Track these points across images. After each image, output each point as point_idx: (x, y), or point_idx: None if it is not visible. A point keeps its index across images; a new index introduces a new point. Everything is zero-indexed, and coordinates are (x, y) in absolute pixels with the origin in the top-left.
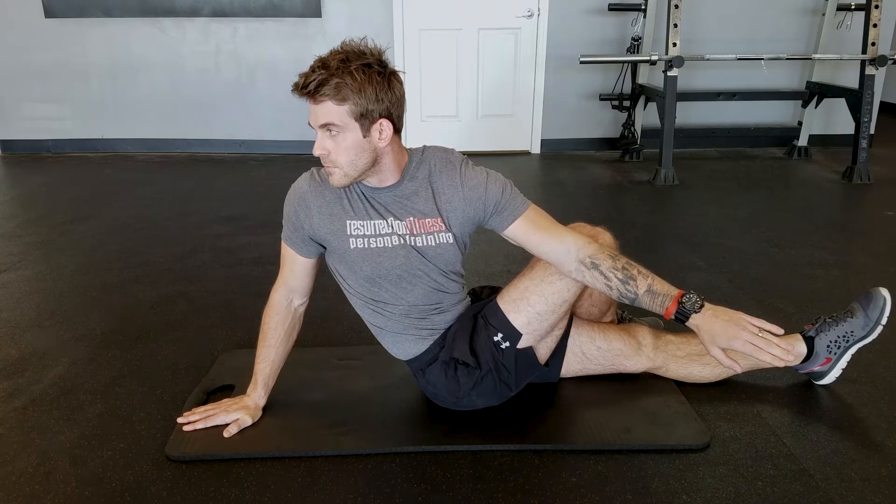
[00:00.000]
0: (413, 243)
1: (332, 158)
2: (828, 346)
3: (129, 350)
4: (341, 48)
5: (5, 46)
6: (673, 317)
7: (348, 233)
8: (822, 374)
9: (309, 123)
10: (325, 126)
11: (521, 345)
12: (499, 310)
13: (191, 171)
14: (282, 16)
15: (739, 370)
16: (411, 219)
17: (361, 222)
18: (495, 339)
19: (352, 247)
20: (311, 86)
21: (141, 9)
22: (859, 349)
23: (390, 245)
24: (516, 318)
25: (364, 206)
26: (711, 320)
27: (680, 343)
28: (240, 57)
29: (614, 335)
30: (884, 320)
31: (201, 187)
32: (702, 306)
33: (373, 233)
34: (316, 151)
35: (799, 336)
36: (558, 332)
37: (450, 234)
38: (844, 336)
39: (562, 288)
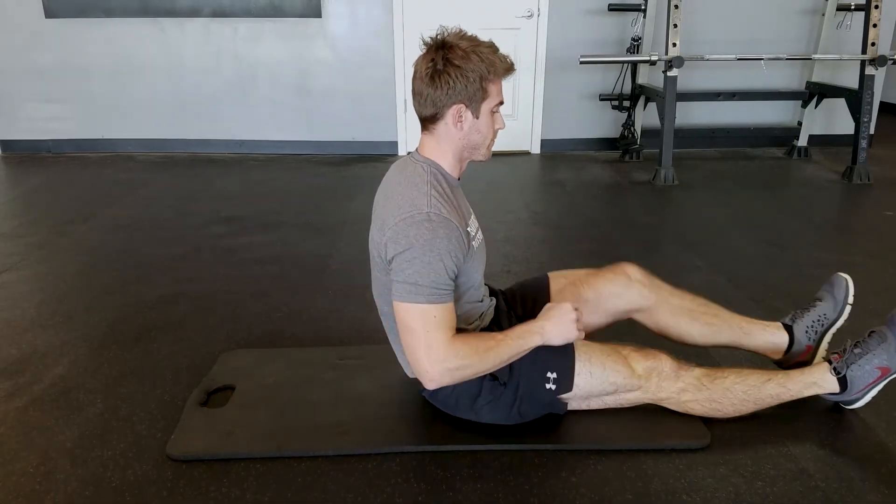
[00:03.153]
0: (482, 237)
1: None
2: (805, 332)
3: (129, 350)
4: (463, 35)
5: (5, 46)
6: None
7: (472, 235)
8: (806, 363)
9: (501, 102)
10: None
11: (561, 395)
12: (570, 357)
13: (191, 171)
14: (282, 16)
15: None
16: (473, 213)
17: (468, 220)
18: (547, 374)
19: (475, 247)
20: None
21: (141, 9)
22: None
23: (482, 238)
24: (578, 378)
25: (463, 202)
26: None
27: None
28: (240, 57)
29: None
30: (850, 300)
31: (201, 187)
32: None
33: (474, 229)
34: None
35: (780, 324)
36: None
37: None
38: (819, 320)
39: (617, 371)
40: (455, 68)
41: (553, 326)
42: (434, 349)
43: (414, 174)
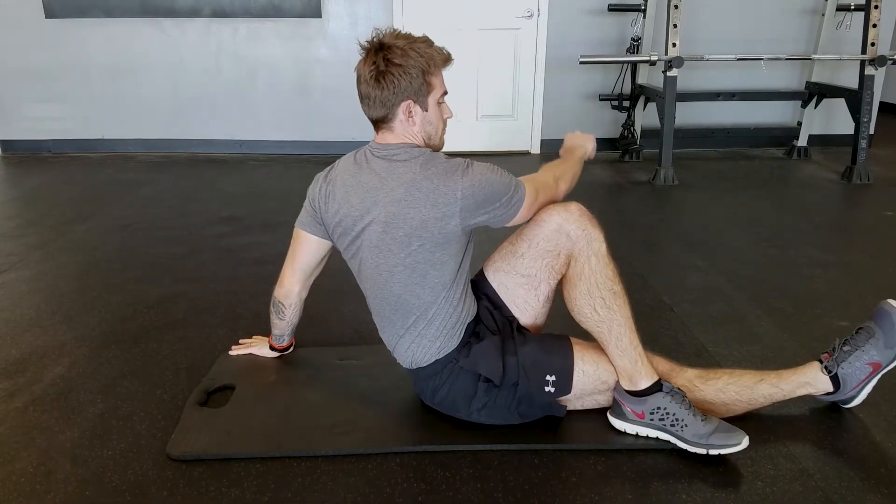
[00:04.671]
0: None
1: None
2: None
3: (129, 350)
4: (398, 34)
5: (5, 46)
6: None
7: None
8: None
9: (445, 93)
10: None
11: (559, 398)
12: (569, 360)
13: (191, 171)
14: (282, 16)
15: None
16: None
17: None
18: (547, 377)
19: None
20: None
21: (141, 9)
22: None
23: None
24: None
25: None
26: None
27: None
28: (240, 57)
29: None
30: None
31: (201, 187)
32: None
33: None
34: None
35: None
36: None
37: None
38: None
39: (608, 370)
40: (397, 67)
41: (579, 150)
42: (546, 188)
43: (420, 156)
